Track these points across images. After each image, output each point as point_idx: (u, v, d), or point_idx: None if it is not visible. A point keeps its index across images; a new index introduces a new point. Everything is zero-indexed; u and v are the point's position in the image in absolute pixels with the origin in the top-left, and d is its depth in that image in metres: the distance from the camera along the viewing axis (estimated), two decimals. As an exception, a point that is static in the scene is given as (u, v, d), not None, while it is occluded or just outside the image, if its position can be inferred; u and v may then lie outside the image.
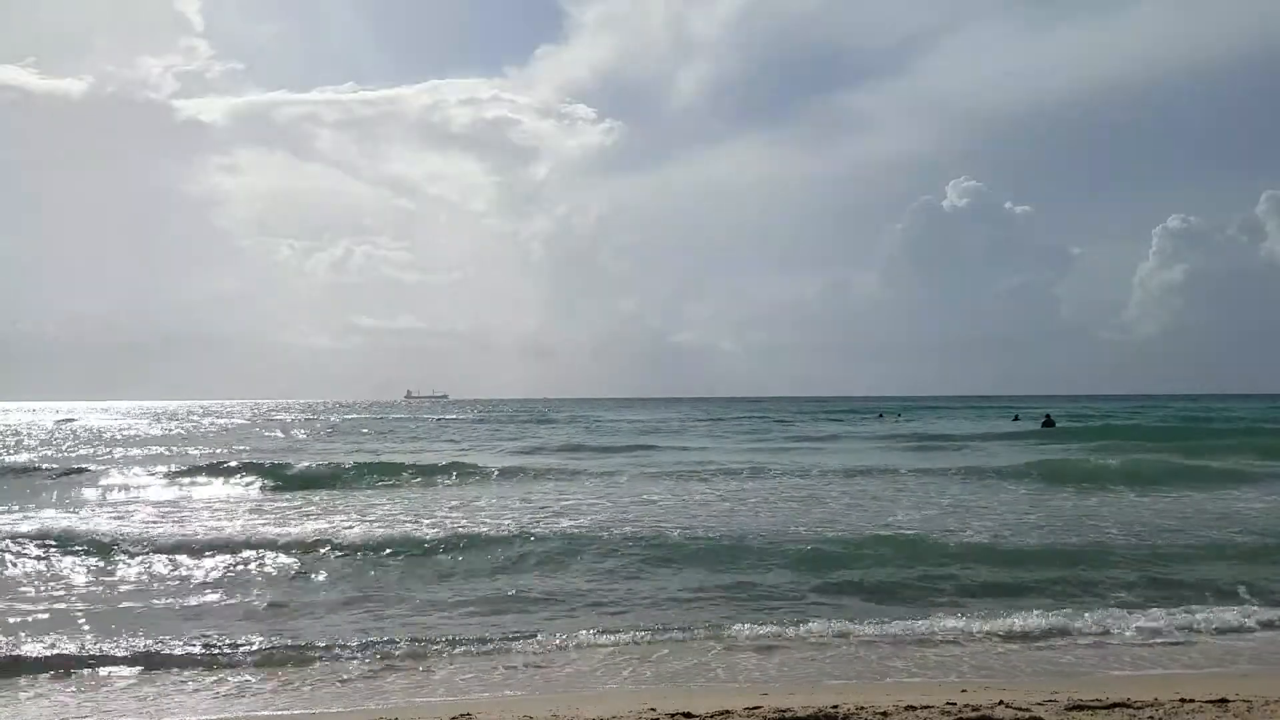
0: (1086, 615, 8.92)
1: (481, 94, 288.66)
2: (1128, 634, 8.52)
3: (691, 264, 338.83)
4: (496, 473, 23.79)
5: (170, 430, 54.88)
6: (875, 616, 9.06)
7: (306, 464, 25.39)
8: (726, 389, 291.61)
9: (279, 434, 51.01)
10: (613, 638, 8.42)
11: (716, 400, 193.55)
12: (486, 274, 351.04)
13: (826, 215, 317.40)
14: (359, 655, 8.01)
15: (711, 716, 6.18)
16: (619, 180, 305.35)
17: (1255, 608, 9.31)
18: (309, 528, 14.29)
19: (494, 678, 7.43)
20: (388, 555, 12.28)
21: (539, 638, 8.42)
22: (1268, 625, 8.77)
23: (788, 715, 6.14)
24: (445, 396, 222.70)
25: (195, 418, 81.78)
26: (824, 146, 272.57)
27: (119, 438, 45.93)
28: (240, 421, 71.02)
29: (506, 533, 13.49)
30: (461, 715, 6.36)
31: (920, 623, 8.80)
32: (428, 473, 23.73)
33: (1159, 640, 8.37)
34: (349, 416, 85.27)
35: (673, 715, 6.23)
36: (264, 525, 14.73)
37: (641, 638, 8.42)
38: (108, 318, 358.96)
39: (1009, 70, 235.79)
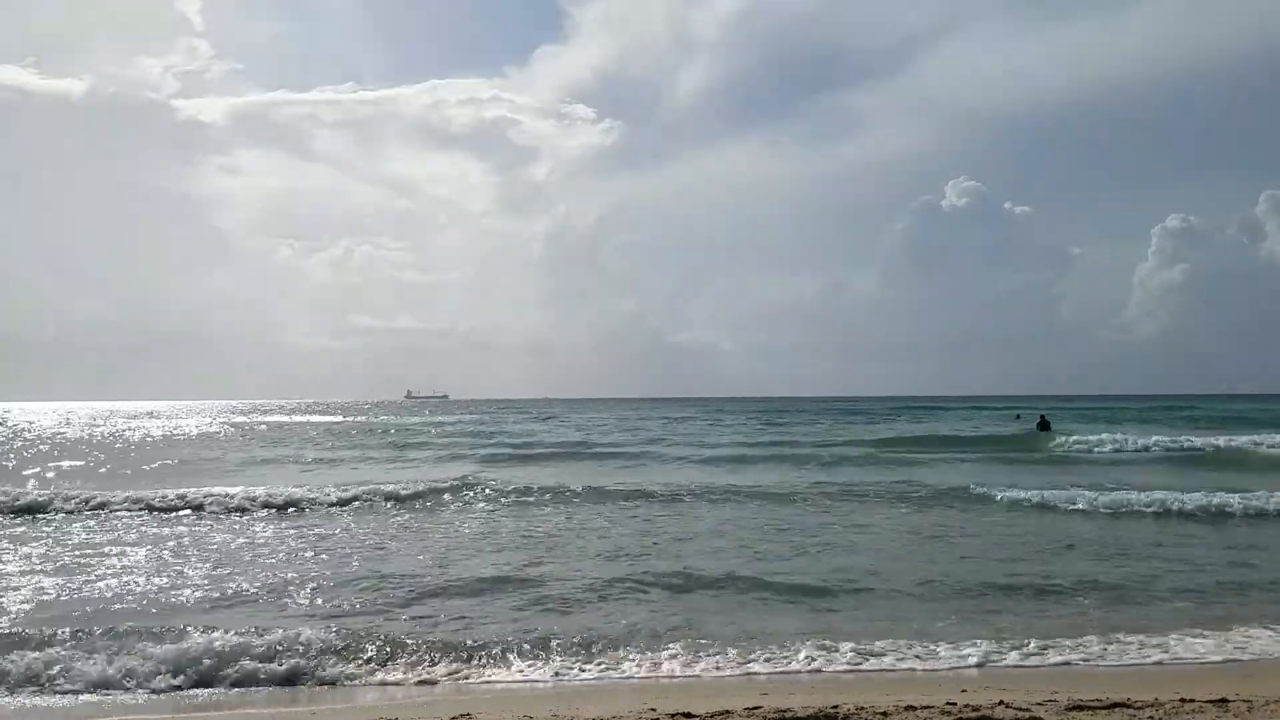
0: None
1: (481, 94, 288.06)
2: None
3: (691, 264, 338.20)
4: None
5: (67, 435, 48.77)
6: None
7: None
8: (727, 388, 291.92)
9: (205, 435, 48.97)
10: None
11: (715, 400, 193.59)
12: (486, 274, 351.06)
13: (826, 215, 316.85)
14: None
15: (711, 716, 6.17)
16: (619, 180, 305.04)
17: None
18: None
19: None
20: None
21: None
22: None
23: (788, 715, 6.13)
24: (445, 396, 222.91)
25: (138, 420, 76.81)
26: (824, 146, 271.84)
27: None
28: (170, 427, 60.54)
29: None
30: (461, 715, 6.36)
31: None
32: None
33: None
34: (304, 419, 78.32)
35: (673, 715, 6.22)
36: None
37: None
38: (108, 318, 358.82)
39: (1009, 70, 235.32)
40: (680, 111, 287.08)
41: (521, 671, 7.61)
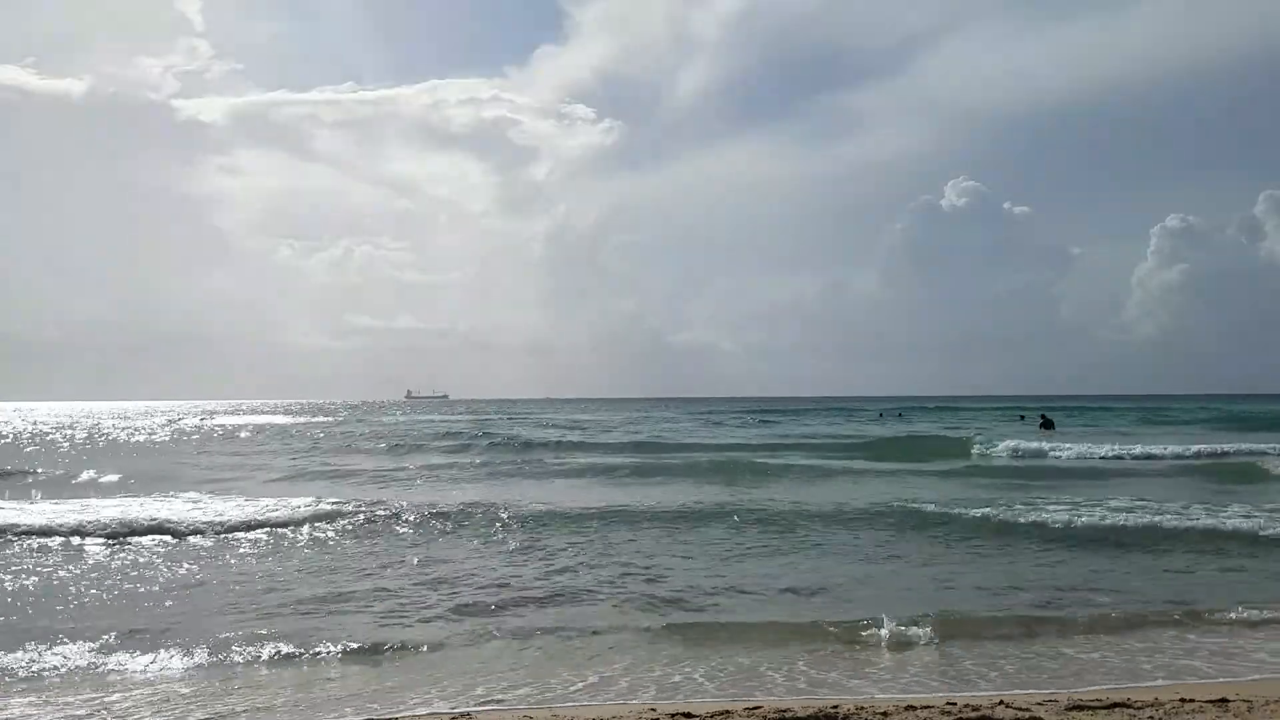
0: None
1: (481, 94, 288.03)
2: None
3: (691, 264, 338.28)
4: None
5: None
6: None
7: None
8: (726, 388, 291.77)
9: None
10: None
11: (715, 400, 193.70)
12: (486, 274, 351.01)
13: (826, 215, 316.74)
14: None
15: (711, 716, 6.17)
16: (619, 180, 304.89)
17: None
18: None
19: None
20: None
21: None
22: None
23: (788, 715, 6.13)
24: (445, 396, 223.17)
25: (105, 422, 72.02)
26: (824, 146, 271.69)
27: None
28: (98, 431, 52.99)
29: None
30: (461, 715, 6.36)
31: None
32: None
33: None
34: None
35: (673, 715, 6.22)
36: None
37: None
38: (108, 318, 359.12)
39: (1009, 70, 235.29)
40: (680, 111, 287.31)
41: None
